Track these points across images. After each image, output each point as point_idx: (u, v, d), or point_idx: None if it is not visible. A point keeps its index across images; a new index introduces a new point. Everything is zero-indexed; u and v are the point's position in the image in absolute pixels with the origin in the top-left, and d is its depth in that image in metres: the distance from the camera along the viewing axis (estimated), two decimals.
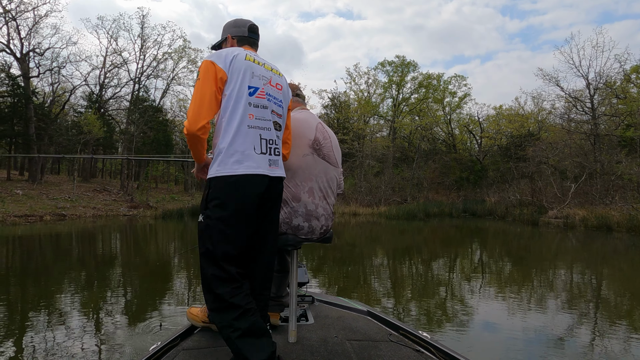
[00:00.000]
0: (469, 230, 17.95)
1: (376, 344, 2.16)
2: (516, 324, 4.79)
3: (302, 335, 2.20)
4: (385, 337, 2.25)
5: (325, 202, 2.24)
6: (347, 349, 2.06)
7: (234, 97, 1.75)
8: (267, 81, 1.86)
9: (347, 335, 2.25)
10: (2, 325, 4.63)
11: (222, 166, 1.72)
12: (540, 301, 5.92)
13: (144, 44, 35.50)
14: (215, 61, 1.76)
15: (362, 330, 2.36)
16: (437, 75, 39.62)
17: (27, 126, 28.91)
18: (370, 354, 2.02)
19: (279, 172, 1.86)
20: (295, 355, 1.98)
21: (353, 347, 2.10)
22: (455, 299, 6.14)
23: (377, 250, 11.90)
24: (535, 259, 10.09)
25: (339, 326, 2.39)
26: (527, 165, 27.36)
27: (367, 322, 2.52)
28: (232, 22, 2.05)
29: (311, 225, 2.18)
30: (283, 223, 2.14)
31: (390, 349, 2.11)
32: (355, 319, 2.54)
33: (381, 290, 6.64)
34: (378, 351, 2.06)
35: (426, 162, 34.77)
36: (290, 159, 2.16)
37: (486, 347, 4.19)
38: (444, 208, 25.82)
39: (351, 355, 1.99)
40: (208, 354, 1.99)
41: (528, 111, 37.16)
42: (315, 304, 2.80)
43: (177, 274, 8.00)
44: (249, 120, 1.75)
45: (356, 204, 28.04)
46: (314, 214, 2.18)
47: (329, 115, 39.19)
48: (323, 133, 2.31)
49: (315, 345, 2.08)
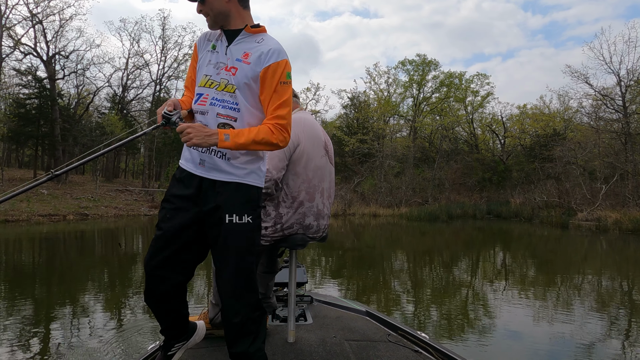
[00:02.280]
0: (493, 232, 17.40)
1: (374, 344, 2.17)
2: (537, 330, 4.60)
3: (300, 335, 2.21)
4: (384, 338, 2.25)
5: (328, 201, 2.30)
6: (345, 349, 2.07)
7: None
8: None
9: (345, 336, 2.25)
10: (28, 320, 4.77)
11: None
12: (562, 307, 5.58)
13: (165, 45, 35.95)
14: None
15: (361, 330, 2.36)
16: (459, 73, 38.85)
17: (53, 127, 29.55)
18: (368, 354, 2.02)
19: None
20: (293, 355, 2.00)
21: (351, 347, 2.10)
22: (471, 303, 5.87)
23: (396, 251, 11.61)
24: (561, 262, 9.64)
25: (338, 326, 2.38)
26: (554, 166, 26.46)
27: (365, 322, 2.53)
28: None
29: (319, 224, 2.22)
30: (296, 223, 2.14)
31: (389, 349, 2.11)
32: (353, 319, 2.55)
33: (396, 293, 6.39)
34: (376, 351, 2.06)
35: (447, 163, 34.07)
36: (313, 161, 2.16)
37: (499, 352, 4.04)
38: (467, 209, 25.17)
39: (349, 356, 2.00)
40: (207, 354, 2.01)
41: (553, 110, 36.06)
42: (314, 304, 2.80)
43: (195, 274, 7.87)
44: None
45: (376, 205, 27.64)
46: (322, 213, 2.23)
47: (349, 115, 38.87)
48: (325, 134, 2.37)
49: (314, 346, 2.08)
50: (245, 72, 1.60)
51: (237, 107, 1.61)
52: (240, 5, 1.66)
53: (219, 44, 1.69)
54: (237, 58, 1.62)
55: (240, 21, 1.66)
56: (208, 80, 1.65)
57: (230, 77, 1.61)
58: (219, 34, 1.71)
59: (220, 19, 1.65)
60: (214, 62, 1.67)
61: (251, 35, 1.65)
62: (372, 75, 39.07)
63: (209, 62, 1.68)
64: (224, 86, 1.62)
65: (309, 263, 9.07)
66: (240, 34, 1.65)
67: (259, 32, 1.67)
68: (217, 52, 1.68)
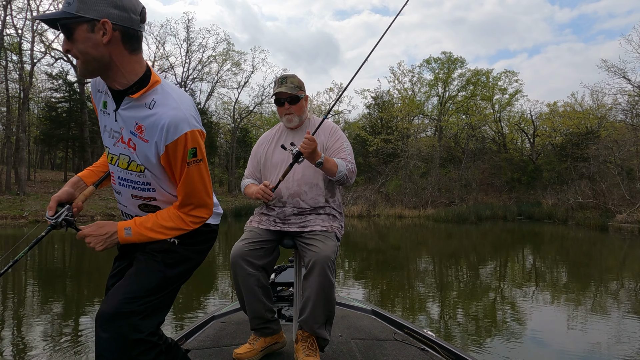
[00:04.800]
0: (525, 234, 16.71)
1: (381, 342, 2.16)
2: (559, 334, 4.52)
3: None
4: (390, 336, 2.24)
5: None
6: (351, 348, 2.06)
7: None
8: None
9: (351, 334, 2.25)
10: (59, 316, 5.00)
11: None
12: (588, 312, 5.14)
13: (189, 48, 36.34)
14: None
15: (367, 329, 2.36)
16: (486, 71, 37.80)
17: (82, 130, 30.28)
18: (374, 353, 2.01)
19: None
20: None
21: (357, 346, 2.09)
22: (495, 306, 5.52)
23: (421, 253, 11.27)
24: (596, 266, 9.10)
25: (344, 325, 2.38)
26: (588, 165, 25.36)
27: (371, 321, 2.53)
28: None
29: None
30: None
31: (395, 347, 2.08)
32: (359, 318, 2.55)
33: (418, 295, 6.09)
34: (383, 350, 2.05)
35: (474, 163, 33.18)
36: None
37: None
38: (497, 211, 24.35)
39: (356, 354, 1.99)
40: (212, 354, 2.00)
41: (586, 107, 34.64)
42: None
43: (205, 278, 7.74)
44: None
45: (401, 206, 27.13)
46: None
47: (372, 115, 38.40)
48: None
49: None
50: (146, 151, 1.26)
51: (150, 188, 1.33)
52: (126, 49, 1.20)
53: (108, 102, 1.31)
54: (130, 130, 1.27)
55: (124, 76, 1.22)
56: (109, 154, 1.35)
57: (131, 154, 1.29)
58: (106, 88, 1.31)
59: (93, 68, 1.20)
60: (109, 130, 1.33)
61: (138, 98, 1.24)
62: (396, 75, 38.53)
63: (105, 128, 1.35)
64: (127, 164, 1.31)
65: None
66: (125, 99, 1.26)
67: (149, 89, 1.25)
68: (108, 114, 1.32)
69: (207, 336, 2.26)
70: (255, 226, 2.18)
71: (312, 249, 2.04)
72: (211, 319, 2.65)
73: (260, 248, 2.05)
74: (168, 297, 1.37)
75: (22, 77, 27.00)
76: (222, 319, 2.64)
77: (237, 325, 2.47)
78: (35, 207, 22.91)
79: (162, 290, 1.34)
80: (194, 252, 1.43)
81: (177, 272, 1.38)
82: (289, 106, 2.19)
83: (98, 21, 1.13)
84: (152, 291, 1.30)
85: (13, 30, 26.66)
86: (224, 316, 2.69)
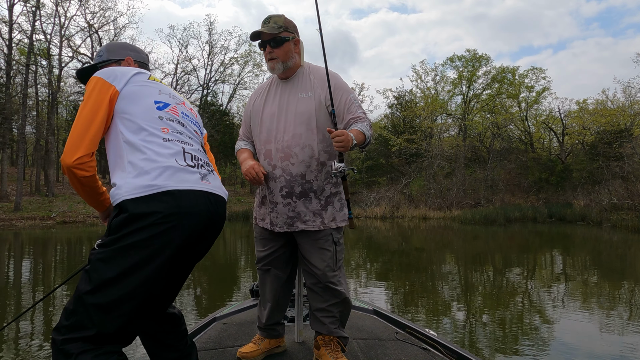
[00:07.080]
0: (556, 237, 16.03)
1: (383, 342, 2.16)
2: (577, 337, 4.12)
3: (309, 335, 2.19)
4: (392, 336, 2.24)
5: None
6: (353, 348, 2.06)
7: (138, 115, 1.45)
8: (179, 102, 1.60)
9: (353, 334, 2.25)
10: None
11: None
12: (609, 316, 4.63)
13: (211, 50, 36.64)
14: (106, 78, 1.44)
15: (369, 328, 2.37)
16: (512, 68, 36.77)
17: None
18: (377, 353, 2.01)
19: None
20: (302, 355, 2.00)
21: (359, 346, 2.09)
22: (523, 311, 5.04)
23: (445, 256, 10.88)
24: (630, 270, 8.53)
25: (346, 325, 2.34)
26: (623, 164, 24.27)
27: (373, 320, 2.54)
28: (130, 45, 1.76)
29: None
30: None
31: (397, 347, 2.08)
32: (361, 318, 2.55)
33: (446, 299, 5.68)
34: (385, 349, 2.05)
35: (500, 162, 32.27)
36: None
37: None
38: (526, 212, 23.49)
39: (358, 354, 1.99)
40: (215, 356, 2.00)
41: (618, 104, 33.25)
42: None
43: (212, 278, 7.58)
44: (164, 134, 1.44)
45: (425, 207, 26.57)
46: None
47: (395, 115, 37.89)
48: None
49: None
50: None
51: None
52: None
53: None
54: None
55: None
56: None
57: None
58: None
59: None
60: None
61: None
62: (419, 73, 37.92)
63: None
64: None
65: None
66: None
67: None
68: None
69: (209, 338, 2.25)
70: (260, 225, 2.08)
71: (307, 267, 1.92)
72: (213, 320, 2.64)
73: (281, 254, 2.03)
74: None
75: (50, 82, 27.70)
76: (223, 320, 2.63)
77: (239, 327, 2.46)
78: (63, 208, 23.40)
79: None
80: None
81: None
82: (271, 49, 1.88)
83: (123, 59, 1.70)
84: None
85: (42, 35, 27.40)
86: (225, 317, 2.70)
